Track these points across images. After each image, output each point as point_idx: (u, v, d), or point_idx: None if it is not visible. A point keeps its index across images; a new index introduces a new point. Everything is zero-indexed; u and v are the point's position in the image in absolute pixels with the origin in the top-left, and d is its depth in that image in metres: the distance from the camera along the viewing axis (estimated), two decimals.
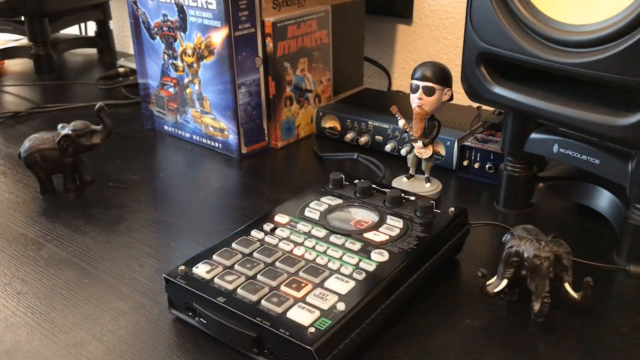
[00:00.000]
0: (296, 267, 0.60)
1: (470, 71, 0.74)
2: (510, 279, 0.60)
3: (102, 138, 0.89)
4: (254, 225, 0.68)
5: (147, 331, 0.60)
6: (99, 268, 0.71)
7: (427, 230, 0.66)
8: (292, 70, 1.02)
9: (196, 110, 1.03)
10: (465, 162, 0.90)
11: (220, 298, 0.56)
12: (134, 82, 1.28)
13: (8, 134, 1.13)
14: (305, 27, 1.02)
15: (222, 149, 1.02)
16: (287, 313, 0.54)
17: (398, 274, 0.59)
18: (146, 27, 1.05)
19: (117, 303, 0.65)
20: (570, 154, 0.73)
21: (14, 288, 0.68)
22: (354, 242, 0.63)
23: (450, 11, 1.20)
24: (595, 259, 0.68)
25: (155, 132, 1.12)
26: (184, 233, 0.78)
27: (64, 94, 1.36)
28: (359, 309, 0.55)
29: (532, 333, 0.59)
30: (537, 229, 0.61)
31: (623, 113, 0.61)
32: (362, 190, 0.72)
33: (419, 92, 0.79)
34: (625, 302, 0.64)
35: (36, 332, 0.61)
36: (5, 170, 0.97)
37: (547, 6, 0.66)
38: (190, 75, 1.01)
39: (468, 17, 0.72)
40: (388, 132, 0.97)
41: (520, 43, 0.67)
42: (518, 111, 0.73)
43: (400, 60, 1.31)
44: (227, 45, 0.93)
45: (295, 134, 1.07)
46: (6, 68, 1.56)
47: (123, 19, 1.79)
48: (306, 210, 0.70)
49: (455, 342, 0.58)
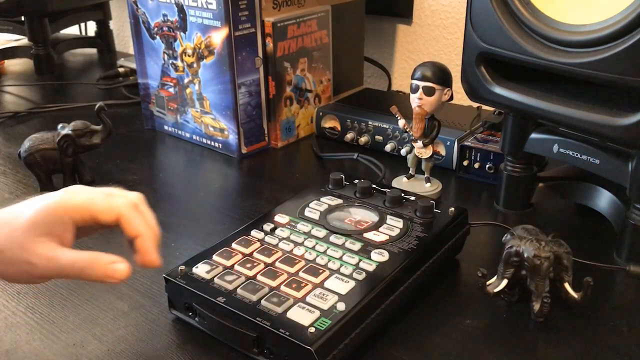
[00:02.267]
0: (296, 267, 0.60)
1: (470, 71, 0.74)
2: (510, 279, 0.60)
3: (102, 138, 0.89)
4: (254, 225, 0.68)
5: (147, 331, 0.60)
6: None
7: (427, 230, 0.66)
8: (292, 70, 1.02)
9: (196, 110, 1.03)
10: (465, 162, 0.90)
11: (220, 298, 0.56)
12: (134, 82, 1.28)
13: (8, 134, 1.13)
14: (305, 27, 1.02)
15: (222, 149, 1.02)
16: (287, 313, 0.54)
17: (398, 274, 0.59)
18: (146, 27, 1.05)
19: (117, 303, 0.65)
20: (570, 154, 0.73)
21: (14, 288, 0.67)
22: (354, 242, 0.63)
23: (450, 11, 1.20)
24: (595, 259, 0.68)
25: (155, 132, 1.12)
26: (184, 233, 0.78)
27: (64, 94, 1.36)
28: (359, 309, 0.55)
29: (532, 333, 0.59)
30: (537, 229, 0.61)
31: (623, 113, 0.61)
32: (362, 190, 0.72)
33: (419, 92, 0.79)
34: (625, 302, 0.64)
35: (36, 332, 0.61)
36: (5, 170, 0.97)
37: (547, 6, 0.66)
38: (190, 75, 1.01)
39: (468, 17, 0.72)
40: (388, 132, 0.97)
41: (520, 43, 0.67)
42: (518, 111, 0.73)
43: (400, 60, 1.31)
44: (227, 45, 0.93)
45: (295, 134, 1.07)
46: (6, 68, 1.56)
47: (123, 19, 1.79)
48: (306, 210, 0.70)
49: (455, 342, 0.58)
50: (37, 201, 0.51)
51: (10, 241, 0.49)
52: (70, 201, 0.51)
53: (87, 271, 0.50)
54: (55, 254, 0.49)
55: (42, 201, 0.51)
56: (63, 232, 0.50)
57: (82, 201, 0.51)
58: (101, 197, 0.52)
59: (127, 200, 0.53)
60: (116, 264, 0.50)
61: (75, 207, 0.51)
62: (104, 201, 0.52)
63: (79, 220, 0.51)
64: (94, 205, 0.51)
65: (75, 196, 0.52)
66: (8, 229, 0.50)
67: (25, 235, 0.49)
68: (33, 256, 0.49)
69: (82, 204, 0.51)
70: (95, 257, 0.50)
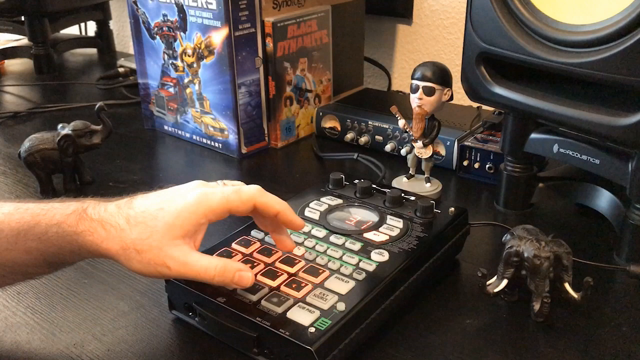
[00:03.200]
0: (296, 267, 0.60)
1: (470, 71, 0.74)
2: (510, 279, 0.60)
3: (102, 138, 0.89)
4: (254, 225, 0.67)
5: (147, 331, 0.60)
6: (99, 268, 0.71)
7: (427, 230, 0.66)
8: (292, 70, 1.02)
9: (196, 110, 1.03)
10: (465, 162, 0.90)
11: (220, 298, 0.56)
12: (134, 82, 1.28)
13: (8, 134, 1.13)
14: (305, 27, 1.02)
15: (222, 149, 1.02)
16: (287, 313, 0.54)
17: (398, 274, 0.59)
18: (146, 27, 1.05)
19: (117, 303, 0.65)
20: (570, 154, 0.73)
21: (14, 288, 0.67)
22: (354, 242, 0.63)
23: (450, 11, 1.20)
24: (595, 259, 0.68)
25: (155, 132, 1.12)
26: None
27: (64, 94, 1.36)
28: (359, 309, 0.55)
29: (532, 333, 0.59)
30: (537, 229, 0.61)
31: (623, 113, 0.61)
32: (362, 190, 0.72)
33: (419, 92, 0.79)
34: (625, 302, 0.64)
35: (36, 332, 0.61)
36: (5, 170, 0.97)
37: (547, 6, 0.66)
38: (190, 75, 1.01)
39: (468, 17, 0.72)
40: (388, 132, 0.97)
41: (520, 43, 0.67)
42: (518, 111, 0.73)
43: (400, 60, 1.31)
44: (227, 45, 0.93)
45: (295, 134, 1.07)
46: (6, 68, 1.56)
47: (123, 19, 1.79)
48: (306, 210, 0.70)
49: (455, 342, 0.58)
50: (173, 203, 0.54)
51: (149, 244, 0.52)
52: (207, 203, 0.54)
53: (217, 278, 0.54)
54: (189, 259, 0.53)
55: (178, 204, 0.54)
56: (197, 233, 0.55)
57: (218, 201, 0.54)
58: (232, 193, 0.55)
59: (255, 188, 0.57)
60: (243, 272, 0.54)
61: (212, 208, 0.54)
62: (237, 196, 0.55)
63: (214, 220, 0.55)
64: (230, 203, 0.55)
65: (211, 197, 0.54)
66: (148, 231, 0.52)
67: (164, 239, 0.52)
68: (169, 259, 0.52)
69: (218, 204, 0.54)
70: (225, 264, 0.54)
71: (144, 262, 0.52)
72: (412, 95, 0.80)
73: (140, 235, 0.52)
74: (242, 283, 0.54)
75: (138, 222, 0.53)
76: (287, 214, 0.57)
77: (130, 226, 0.53)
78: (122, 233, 0.53)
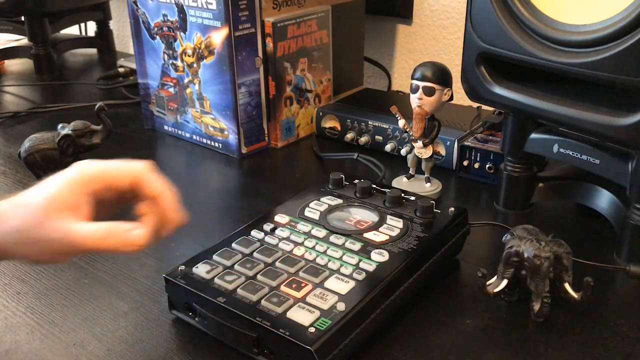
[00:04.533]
0: (296, 267, 0.60)
1: (470, 71, 0.74)
2: (510, 279, 0.60)
3: (102, 138, 0.89)
4: (254, 225, 0.68)
5: (147, 331, 0.60)
6: (99, 268, 0.71)
7: (427, 230, 0.66)
8: (292, 70, 1.02)
9: (196, 110, 1.03)
10: (465, 162, 0.90)
11: (220, 298, 0.56)
12: (134, 82, 1.28)
13: (8, 134, 1.13)
14: (305, 27, 1.02)
15: (222, 149, 1.02)
16: (287, 313, 0.54)
17: (398, 274, 0.59)
18: (146, 27, 1.05)
19: (117, 303, 0.65)
20: (570, 154, 0.73)
21: (13, 288, 0.67)
22: (354, 242, 0.63)
23: (450, 11, 1.20)
24: (595, 259, 0.68)
25: (155, 132, 1.12)
26: (184, 233, 0.77)
27: (64, 94, 1.36)
28: (359, 309, 0.55)
29: (532, 333, 0.59)
30: (537, 229, 0.61)
31: (623, 113, 0.61)
32: (362, 190, 0.72)
33: (419, 92, 0.79)
34: (625, 302, 0.64)
35: (36, 332, 0.61)
36: (5, 170, 0.97)
37: (547, 6, 0.66)
38: (190, 75, 1.01)
39: (468, 17, 0.72)
40: (388, 132, 0.97)
41: (520, 43, 0.67)
42: (518, 111, 0.73)
43: (400, 60, 1.31)
44: (227, 45, 0.93)
45: (295, 134, 1.07)
46: (6, 68, 1.56)
47: (123, 19, 1.79)
48: (306, 210, 0.70)
49: (455, 342, 0.58)
50: (51, 179, 0.51)
51: (26, 220, 0.49)
52: (84, 172, 0.51)
53: (105, 241, 0.50)
54: (70, 227, 0.49)
55: (56, 179, 0.51)
56: (79, 204, 0.50)
57: (96, 169, 0.52)
58: (115, 164, 0.53)
59: (142, 164, 0.53)
60: (133, 230, 0.51)
61: (89, 177, 0.51)
62: (118, 166, 0.52)
63: (95, 190, 0.51)
64: (109, 172, 0.52)
65: (89, 166, 0.52)
66: (25, 209, 0.50)
67: (42, 214, 0.49)
68: (50, 232, 0.49)
69: (96, 172, 0.52)
70: (112, 226, 0.50)
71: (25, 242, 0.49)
72: (412, 95, 0.80)
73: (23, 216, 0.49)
74: (135, 242, 0.51)
75: (20, 204, 0.50)
76: (169, 198, 0.53)
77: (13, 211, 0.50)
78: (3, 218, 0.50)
